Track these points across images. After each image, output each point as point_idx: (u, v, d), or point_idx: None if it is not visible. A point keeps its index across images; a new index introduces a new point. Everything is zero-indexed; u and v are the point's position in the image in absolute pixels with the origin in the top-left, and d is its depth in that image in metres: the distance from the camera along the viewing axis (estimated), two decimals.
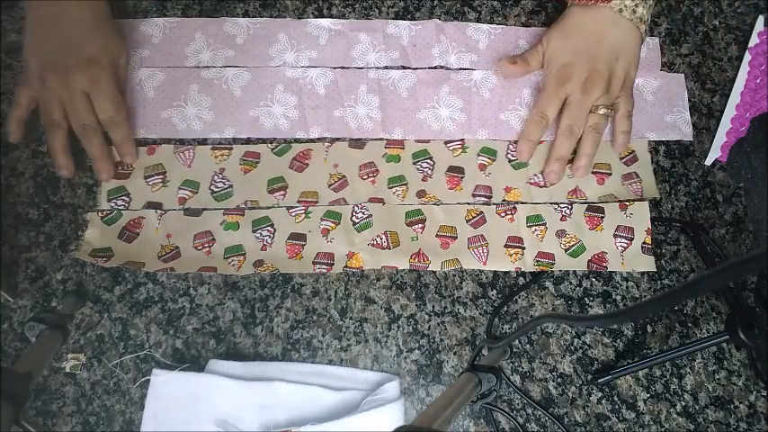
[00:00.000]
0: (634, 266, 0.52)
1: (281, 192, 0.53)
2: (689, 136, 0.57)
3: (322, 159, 0.54)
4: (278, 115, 0.55)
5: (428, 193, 0.54)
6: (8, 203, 0.52)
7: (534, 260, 0.52)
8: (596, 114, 0.53)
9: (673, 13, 0.62)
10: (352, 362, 0.49)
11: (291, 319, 0.50)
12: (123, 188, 0.53)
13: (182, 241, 0.51)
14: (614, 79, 0.53)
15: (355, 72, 0.57)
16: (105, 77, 0.51)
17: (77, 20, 0.51)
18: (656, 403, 0.49)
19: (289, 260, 0.51)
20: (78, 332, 0.49)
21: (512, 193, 0.54)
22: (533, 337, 0.50)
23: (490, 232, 0.53)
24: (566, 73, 0.53)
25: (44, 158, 0.53)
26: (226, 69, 0.56)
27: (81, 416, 0.47)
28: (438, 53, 0.58)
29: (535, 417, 0.48)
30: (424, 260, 0.51)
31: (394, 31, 0.58)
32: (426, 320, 0.50)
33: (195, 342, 0.49)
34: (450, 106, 0.56)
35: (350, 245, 0.51)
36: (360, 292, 0.51)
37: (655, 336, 0.51)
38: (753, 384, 0.50)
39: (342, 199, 0.53)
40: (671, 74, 0.59)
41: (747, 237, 0.54)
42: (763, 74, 0.59)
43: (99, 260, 0.50)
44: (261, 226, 0.52)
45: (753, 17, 0.61)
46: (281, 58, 0.57)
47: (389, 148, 0.55)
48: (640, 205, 0.54)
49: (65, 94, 0.50)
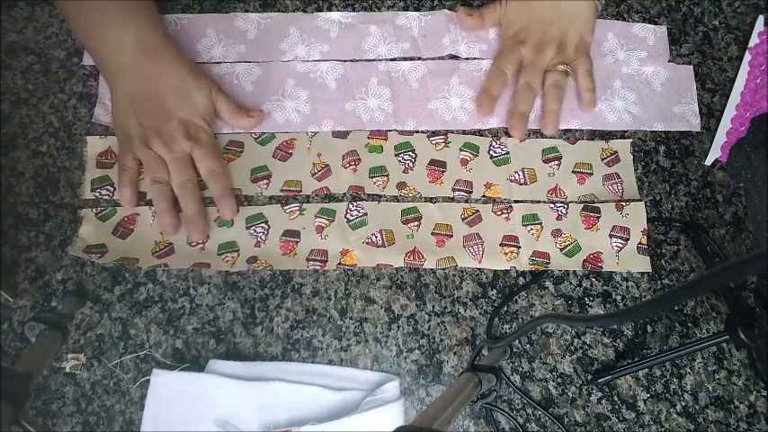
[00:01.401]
0: (629, 267, 0.52)
1: (265, 180, 0.53)
2: (696, 127, 0.57)
3: (305, 148, 0.55)
4: (290, 110, 0.56)
5: (408, 186, 0.54)
6: (8, 203, 0.52)
7: (529, 259, 0.52)
8: (555, 72, 0.55)
9: (673, 13, 0.62)
10: (352, 362, 0.49)
11: (291, 319, 0.50)
12: (107, 177, 0.53)
13: (175, 237, 0.51)
14: (568, 41, 0.56)
15: (365, 65, 0.57)
16: (204, 132, 0.52)
17: (167, 88, 0.51)
18: (656, 403, 0.49)
19: (282, 257, 0.51)
20: (78, 332, 0.49)
21: (492, 189, 0.54)
22: (533, 337, 0.50)
23: (486, 231, 0.53)
24: (520, 36, 0.56)
25: (44, 158, 0.53)
26: (236, 65, 0.57)
27: (81, 416, 0.47)
28: (449, 42, 0.58)
29: (535, 417, 0.48)
30: (419, 258, 0.51)
31: (404, 22, 0.59)
32: (426, 320, 0.50)
33: (195, 342, 0.49)
34: (461, 96, 0.57)
35: (344, 242, 0.52)
36: (360, 292, 0.51)
37: (655, 336, 0.51)
38: (753, 384, 0.50)
39: (325, 188, 0.53)
40: (680, 65, 0.59)
41: (747, 237, 0.54)
42: (763, 74, 0.59)
43: (93, 256, 0.50)
44: (255, 222, 0.52)
45: (753, 17, 0.61)
46: (292, 52, 0.57)
47: (372, 138, 0.55)
48: (636, 205, 0.54)
49: (168, 155, 0.50)
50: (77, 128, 0.55)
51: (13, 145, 0.53)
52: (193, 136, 0.51)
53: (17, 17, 0.57)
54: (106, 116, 0.54)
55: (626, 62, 0.59)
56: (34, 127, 0.54)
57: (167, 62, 0.51)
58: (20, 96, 0.55)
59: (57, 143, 0.54)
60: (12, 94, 0.55)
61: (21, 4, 0.58)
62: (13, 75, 0.56)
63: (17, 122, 0.54)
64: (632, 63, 0.59)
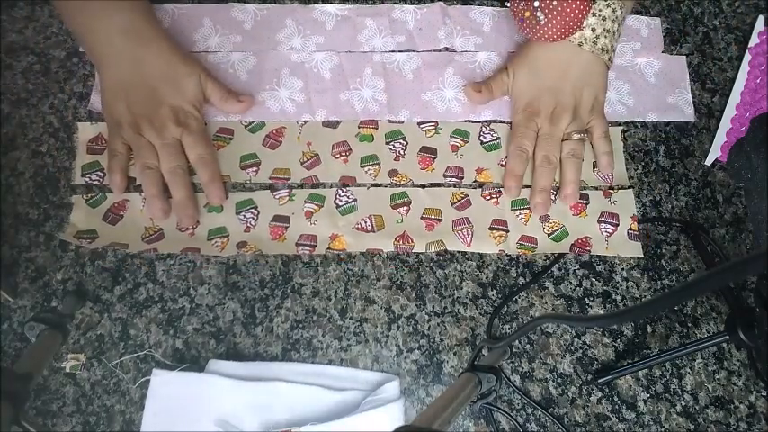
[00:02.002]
0: (619, 252, 0.53)
1: (254, 168, 0.54)
2: (690, 117, 0.58)
3: (295, 137, 0.55)
4: (284, 99, 0.56)
5: (400, 173, 0.54)
6: (8, 203, 0.52)
7: (517, 243, 0.52)
8: (571, 141, 0.54)
9: (673, 13, 0.62)
10: (352, 362, 0.49)
11: (291, 319, 0.50)
12: (98, 163, 0.53)
13: (165, 223, 0.52)
14: (581, 108, 0.54)
15: (360, 55, 0.58)
16: (193, 118, 0.52)
17: (156, 74, 0.51)
18: (656, 403, 0.49)
19: (272, 242, 0.51)
20: (78, 332, 0.49)
21: (483, 174, 0.55)
22: (533, 337, 0.50)
23: (475, 215, 0.53)
24: (533, 109, 0.54)
25: (44, 158, 0.53)
26: (231, 54, 0.57)
27: (81, 416, 0.47)
28: (444, 35, 0.59)
29: (535, 417, 0.48)
30: (409, 242, 0.52)
31: (399, 15, 0.59)
32: (426, 320, 0.50)
33: (195, 342, 0.49)
34: (455, 87, 0.57)
35: (333, 227, 0.52)
36: (360, 292, 0.51)
37: (655, 336, 0.51)
38: (753, 384, 0.50)
39: (314, 176, 0.54)
40: (672, 56, 0.60)
41: (747, 237, 0.54)
42: (763, 74, 0.59)
43: (83, 242, 0.50)
44: (245, 208, 0.52)
45: (753, 17, 0.61)
46: (288, 43, 0.58)
47: (363, 127, 0.56)
48: (624, 193, 0.55)
49: (158, 141, 0.50)
50: (77, 128, 0.55)
51: (13, 145, 0.53)
52: (183, 122, 0.51)
53: (17, 17, 0.57)
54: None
55: (620, 53, 0.59)
56: (34, 127, 0.54)
57: (156, 49, 0.51)
58: (20, 96, 0.55)
59: (57, 143, 0.54)
60: (12, 94, 0.55)
61: (21, 4, 0.58)
62: (13, 75, 0.56)
63: (17, 122, 0.54)
64: (626, 54, 0.59)
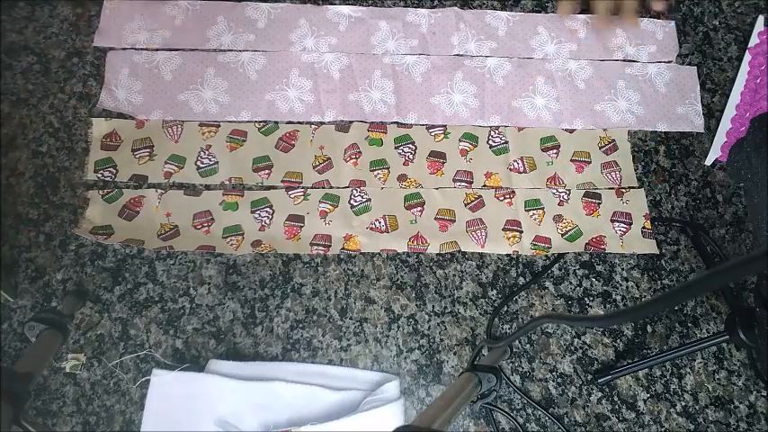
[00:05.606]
0: (634, 249, 0.53)
1: (266, 171, 0.54)
2: (700, 128, 0.58)
3: (308, 141, 0.55)
4: (293, 99, 0.56)
5: (409, 178, 0.54)
6: (8, 203, 0.52)
7: (531, 243, 0.53)
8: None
9: (673, 13, 0.62)
10: (352, 362, 0.49)
11: (291, 319, 0.50)
12: (110, 159, 0.53)
13: (181, 220, 0.52)
14: None
15: (370, 57, 0.58)
16: None
17: None
18: (656, 403, 0.49)
19: (286, 241, 0.51)
20: (78, 332, 0.49)
21: (492, 178, 0.55)
22: (533, 337, 0.50)
23: (489, 216, 0.53)
24: None
25: (44, 158, 0.53)
26: (242, 53, 0.57)
27: (81, 416, 0.47)
28: (458, 41, 0.58)
29: (535, 417, 0.48)
30: (423, 243, 0.52)
31: (413, 18, 0.59)
32: (426, 320, 0.50)
33: (195, 342, 0.49)
34: (463, 92, 0.57)
35: (348, 227, 0.52)
36: (360, 292, 0.51)
37: (655, 336, 0.51)
38: (753, 384, 0.50)
39: (325, 181, 0.54)
40: (683, 66, 0.59)
41: (747, 237, 0.54)
42: (763, 74, 0.59)
43: (99, 237, 0.50)
44: (260, 207, 0.52)
45: (753, 17, 0.61)
46: (301, 43, 0.58)
47: (372, 131, 0.56)
48: (636, 192, 0.55)
49: None
50: (77, 128, 0.55)
51: (13, 145, 0.53)
52: None
53: (17, 17, 0.57)
54: (111, 102, 0.55)
55: (635, 56, 0.59)
56: (34, 127, 0.54)
57: None
58: (20, 96, 0.55)
59: (57, 143, 0.54)
60: (12, 94, 0.55)
61: (21, 4, 0.58)
62: (13, 75, 0.56)
63: (17, 122, 0.54)
64: (642, 57, 0.59)
